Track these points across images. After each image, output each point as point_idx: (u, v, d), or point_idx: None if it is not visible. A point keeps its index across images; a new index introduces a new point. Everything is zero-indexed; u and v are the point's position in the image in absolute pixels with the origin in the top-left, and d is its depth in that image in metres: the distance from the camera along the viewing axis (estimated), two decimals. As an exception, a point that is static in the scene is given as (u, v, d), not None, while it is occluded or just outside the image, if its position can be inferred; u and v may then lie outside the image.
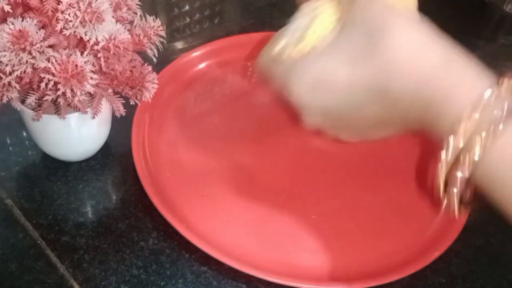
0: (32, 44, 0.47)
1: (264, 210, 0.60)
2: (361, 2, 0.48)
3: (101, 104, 0.54)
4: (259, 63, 0.55)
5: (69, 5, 0.47)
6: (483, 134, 0.40)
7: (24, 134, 0.65)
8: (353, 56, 0.46)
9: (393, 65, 0.44)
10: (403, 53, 0.44)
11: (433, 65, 0.43)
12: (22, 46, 0.47)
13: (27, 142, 0.65)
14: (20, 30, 0.47)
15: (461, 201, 0.43)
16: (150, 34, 0.55)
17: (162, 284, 0.54)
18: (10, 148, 0.64)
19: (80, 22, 0.48)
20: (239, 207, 0.61)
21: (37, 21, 0.48)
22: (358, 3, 0.48)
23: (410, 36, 0.44)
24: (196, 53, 0.74)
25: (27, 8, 0.49)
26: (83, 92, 0.48)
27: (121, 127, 0.64)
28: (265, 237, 0.58)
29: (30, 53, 0.47)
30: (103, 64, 0.49)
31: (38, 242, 0.57)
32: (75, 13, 0.47)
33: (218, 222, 0.59)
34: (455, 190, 0.42)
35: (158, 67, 0.59)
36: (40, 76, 0.47)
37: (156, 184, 0.60)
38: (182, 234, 0.55)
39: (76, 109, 0.53)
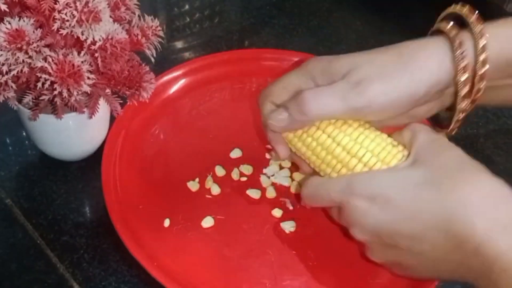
0: (28, 44, 0.47)
1: (243, 246, 0.57)
2: (438, 144, 0.49)
3: (99, 104, 0.54)
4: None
5: (66, 4, 0.47)
6: None
7: (24, 134, 0.65)
8: (424, 183, 0.45)
9: (465, 207, 0.43)
10: (479, 199, 0.43)
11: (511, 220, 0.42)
12: (19, 45, 0.47)
13: (26, 142, 0.65)
14: (16, 30, 0.47)
15: None
16: (149, 34, 0.55)
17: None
18: (10, 148, 0.65)
19: (77, 21, 0.48)
20: (216, 242, 0.57)
21: (34, 21, 0.48)
22: (436, 144, 0.49)
23: (487, 186, 0.44)
24: (171, 75, 0.70)
25: (24, 8, 0.49)
26: (79, 92, 0.48)
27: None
28: (242, 275, 0.55)
29: (26, 52, 0.47)
30: (100, 64, 0.49)
31: (38, 242, 0.57)
32: (72, 13, 0.47)
33: (191, 259, 0.56)
34: None
35: (157, 67, 0.59)
36: (37, 76, 0.47)
37: (126, 219, 0.56)
38: (151, 274, 0.52)
39: (73, 109, 0.53)
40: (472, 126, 0.73)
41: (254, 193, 0.61)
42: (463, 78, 0.49)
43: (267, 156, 0.65)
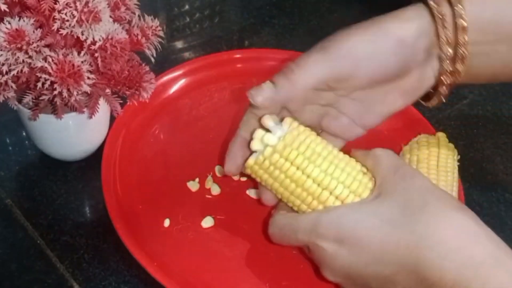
0: (28, 44, 0.47)
1: (243, 246, 0.57)
2: (402, 174, 0.47)
3: (99, 104, 0.54)
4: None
5: (66, 4, 0.47)
6: None
7: (24, 134, 0.65)
8: (390, 223, 0.44)
9: (432, 250, 0.42)
10: (445, 239, 0.42)
11: (480, 259, 0.41)
12: (19, 45, 0.47)
13: (26, 142, 0.65)
14: (16, 30, 0.47)
15: None
16: (148, 34, 0.55)
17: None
18: (10, 148, 0.65)
19: (77, 21, 0.48)
20: (216, 242, 0.57)
21: (34, 21, 0.48)
22: (399, 174, 0.47)
23: (454, 224, 0.43)
24: (171, 75, 0.70)
25: (24, 8, 0.49)
26: (79, 92, 0.48)
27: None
28: (244, 275, 0.55)
29: (26, 52, 0.47)
30: (100, 64, 0.49)
31: (38, 242, 0.57)
32: (72, 13, 0.47)
33: (191, 259, 0.55)
34: None
35: (157, 67, 0.59)
36: (37, 76, 0.47)
37: (126, 219, 0.56)
38: (151, 274, 0.52)
39: (73, 109, 0.53)
40: (472, 126, 0.73)
41: (254, 193, 0.61)
42: (443, 35, 0.48)
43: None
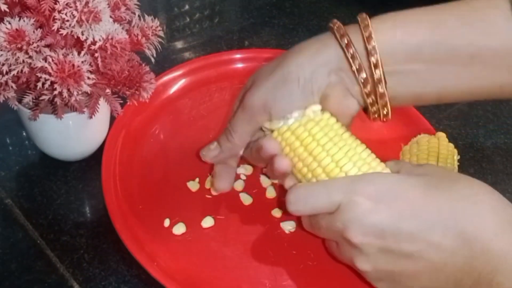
0: (29, 44, 0.47)
1: (243, 246, 0.57)
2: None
3: (99, 104, 0.54)
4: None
5: (66, 4, 0.47)
6: None
7: (24, 134, 0.65)
8: (431, 186, 0.45)
9: (476, 205, 0.43)
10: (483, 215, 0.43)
11: None
12: (19, 45, 0.47)
13: (26, 142, 0.65)
14: (17, 30, 0.47)
15: None
16: (149, 34, 0.55)
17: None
18: (10, 148, 0.65)
19: (77, 21, 0.48)
20: (216, 242, 0.57)
21: (34, 21, 0.48)
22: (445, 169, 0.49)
23: (491, 204, 0.44)
24: (171, 75, 0.71)
25: (24, 8, 0.49)
26: (80, 92, 0.48)
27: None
28: (242, 275, 0.55)
29: (27, 52, 0.47)
30: (100, 64, 0.49)
31: (38, 242, 0.57)
32: (72, 13, 0.47)
33: (191, 259, 0.56)
34: None
35: (157, 67, 0.59)
36: (37, 76, 0.47)
37: (126, 219, 0.57)
38: (151, 274, 0.52)
39: (73, 109, 0.53)
40: (472, 126, 0.73)
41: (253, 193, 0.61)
42: (355, 61, 0.50)
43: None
